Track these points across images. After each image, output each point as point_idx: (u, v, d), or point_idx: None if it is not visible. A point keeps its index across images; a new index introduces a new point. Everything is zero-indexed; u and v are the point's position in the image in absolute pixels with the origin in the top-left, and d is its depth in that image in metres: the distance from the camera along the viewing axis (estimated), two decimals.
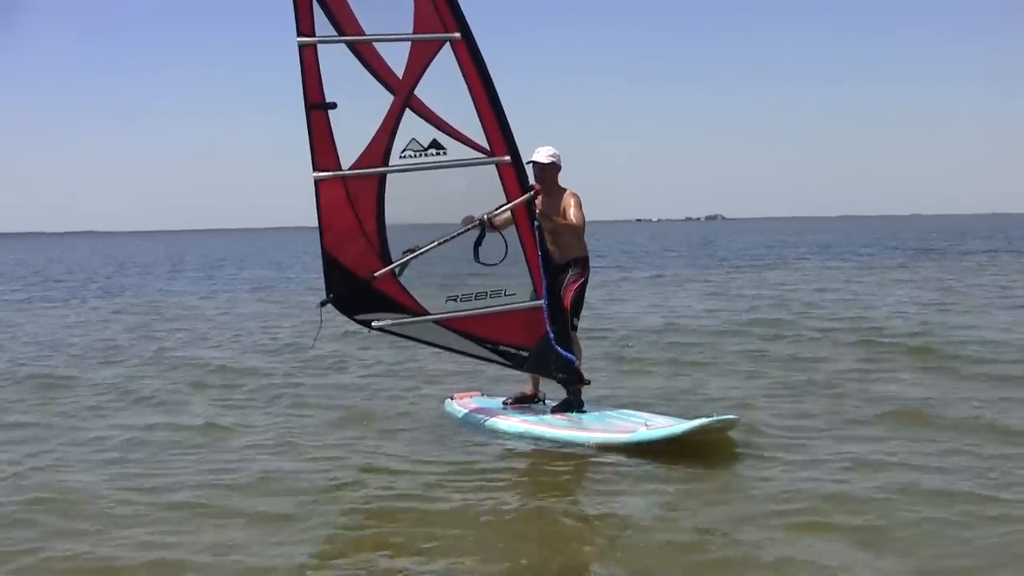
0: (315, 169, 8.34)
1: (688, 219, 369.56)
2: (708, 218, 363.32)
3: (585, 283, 8.91)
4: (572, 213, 8.77)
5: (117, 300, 26.30)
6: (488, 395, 9.76)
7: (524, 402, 9.29)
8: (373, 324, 8.67)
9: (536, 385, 9.32)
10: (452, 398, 9.69)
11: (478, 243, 8.60)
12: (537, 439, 8.47)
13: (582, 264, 8.90)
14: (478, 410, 9.21)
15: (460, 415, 9.29)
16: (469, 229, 8.56)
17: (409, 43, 8.30)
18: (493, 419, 8.95)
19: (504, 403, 9.33)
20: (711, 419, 7.74)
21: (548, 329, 8.70)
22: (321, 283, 8.63)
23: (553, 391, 9.20)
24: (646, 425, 8.11)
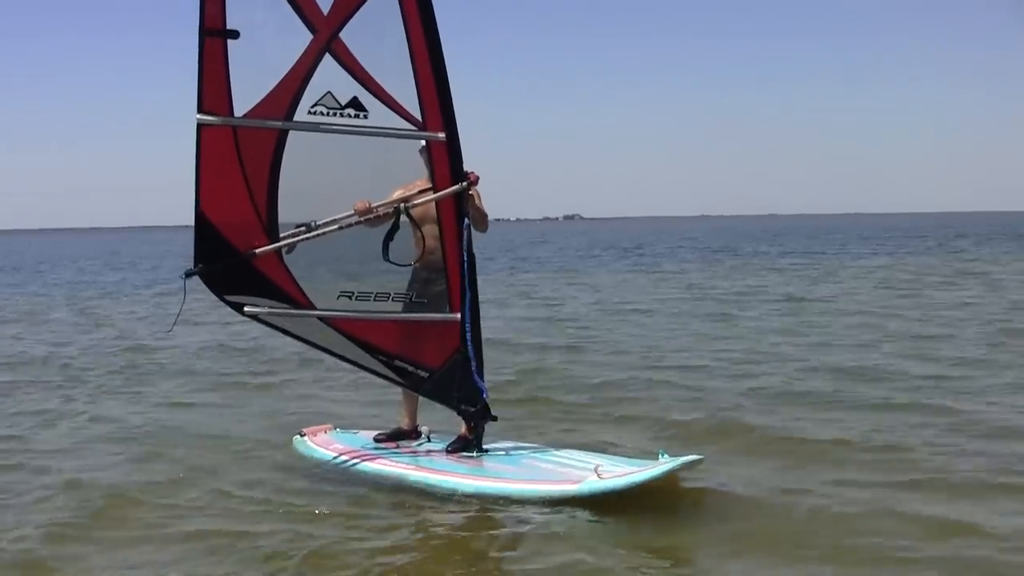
0: (200, 110, 6.70)
1: (546, 219, 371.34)
2: (567, 217, 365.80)
3: None
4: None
5: None
6: (342, 429, 8.04)
7: (401, 439, 7.60)
8: (246, 309, 7.05)
9: (413, 418, 7.66)
10: (302, 434, 7.91)
11: (389, 236, 6.98)
12: (431, 488, 6.86)
13: None
14: (347, 451, 7.47)
15: (326, 457, 7.50)
16: (379, 217, 7.00)
17: None
18: (372, 463, 7.27)
19: (377, 440, 7.63)
20: (679, 461, 6.31)
21: (469, 351, 7.15)
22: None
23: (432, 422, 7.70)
24: (596, 471, 6.49)
